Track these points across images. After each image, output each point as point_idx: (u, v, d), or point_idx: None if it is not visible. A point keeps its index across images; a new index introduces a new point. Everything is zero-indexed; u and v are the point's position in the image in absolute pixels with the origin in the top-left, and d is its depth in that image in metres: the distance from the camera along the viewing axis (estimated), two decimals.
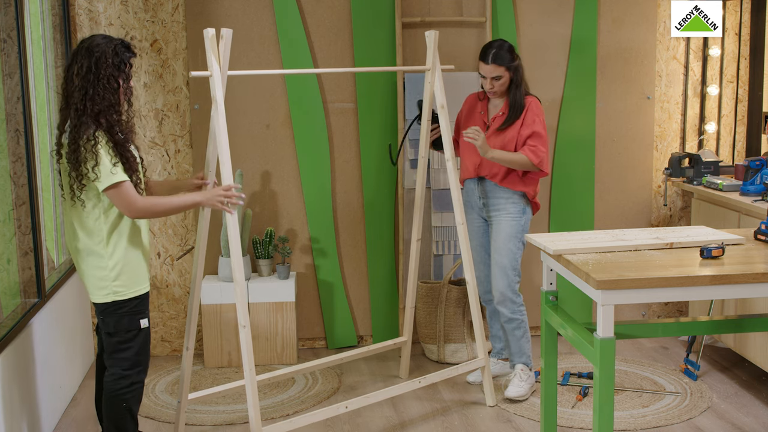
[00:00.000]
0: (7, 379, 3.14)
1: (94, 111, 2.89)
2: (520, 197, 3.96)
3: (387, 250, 4.76)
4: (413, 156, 4.60)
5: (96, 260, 2.98)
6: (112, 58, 2.91)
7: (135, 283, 3.02)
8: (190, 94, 4.52)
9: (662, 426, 3.68)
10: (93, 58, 2.90)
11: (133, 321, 3.03)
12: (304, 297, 4.76)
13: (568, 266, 2.87)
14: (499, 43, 3.88)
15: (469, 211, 4.10)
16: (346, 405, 3.49)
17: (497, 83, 3.88)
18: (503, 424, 3.74)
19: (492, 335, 4.29)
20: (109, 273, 2.97)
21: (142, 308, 3.06)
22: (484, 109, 4.03)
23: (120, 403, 3.05)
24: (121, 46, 2.97)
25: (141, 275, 3.06)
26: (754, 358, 4.04)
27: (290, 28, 4.53)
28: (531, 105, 3.92)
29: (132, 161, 2.97)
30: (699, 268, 2.76)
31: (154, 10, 4.46)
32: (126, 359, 3.04)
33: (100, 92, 2.89)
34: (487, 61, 3.86)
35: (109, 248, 2.97)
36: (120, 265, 2.98)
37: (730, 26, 4.86)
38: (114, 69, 2.92)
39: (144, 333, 3.07)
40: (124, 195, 2.89)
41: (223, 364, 4.50)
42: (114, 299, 2.99)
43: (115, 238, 2.97)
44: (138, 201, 2.92)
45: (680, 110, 4.92)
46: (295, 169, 4.65)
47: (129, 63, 2.99)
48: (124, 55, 2.97)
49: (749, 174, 4.26)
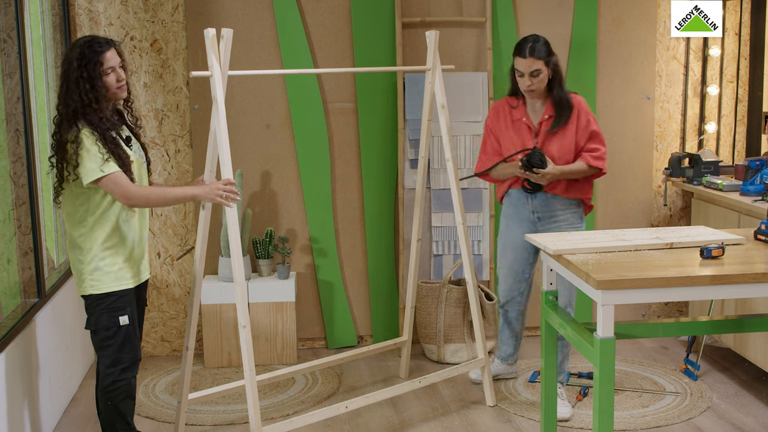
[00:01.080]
0: (8, 379, 3.14)
1: (68, 113, 2.91)
2: (578, 205, 3.80)
3: (387, 250, 4.76)
4: (413, 156, 4.60)
5: (77, 252, 3.03)
6: (78, 60, 2.92)
7: (112, 279, 3.03)
8: (190, 94, 4.52)
9: (662, 426, 3.68)
10: (65, 62, 2.96)
11: (112, 318, 3.03)
12: (304, 297, 4.76)
13: (568, 266, 2.87)
14: (535, 37, 3.66)
15: (515, 223, 3.86)
16: (346, 405, 3.49)
17: (536, 80, 3.62)
18: (503, 424, 3.74)
19: (501, 340, 4.19)
20: (86, 267, 3.01)
21: (122, 305, 3.06)
22: (525, 115, 3.75)
23: (105, 401, 3.08)
24: (93, 43, 2.95)
25: (121, 272, 3.06)
26: (754, 358, 4.04)
27: (290, 28, 4.53)
28: (581, 103, 3.73)
29: (125, 159, 2.97)
30: (699, 268, 2.75)
31: (154, 10, 4.46)
32: (107, 356, 3.06)
33: (72, 93, 2.91)
34: (525, 54, 3.62)
35: (88, 242, 3.00)
36: (96, 259, 3.00)
37: (730, 26, 4.86)
38: (82, 70, 2.92)
39: (124, 330, 3.05)
40: (117, 184, 2.91)
41: (223, 364, 4.50)
42: (90, 292, 3.02)
43: (96, 233, 3.00)
44: (131, 188, 2.94)
45: (680, 110, 4.92)
46: (295, 169, 4.65)
47: (98, 61, 2.94)
48: (94, 52, 2.94)
49: (749, 174, 4.26)
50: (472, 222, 4.66)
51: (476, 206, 4.67)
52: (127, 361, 3.08)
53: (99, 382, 3.13)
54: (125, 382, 3.08)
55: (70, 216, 3.03)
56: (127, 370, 3.08)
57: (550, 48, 3.68)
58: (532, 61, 3.61)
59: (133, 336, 3.10)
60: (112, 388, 3.06)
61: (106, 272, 3.02)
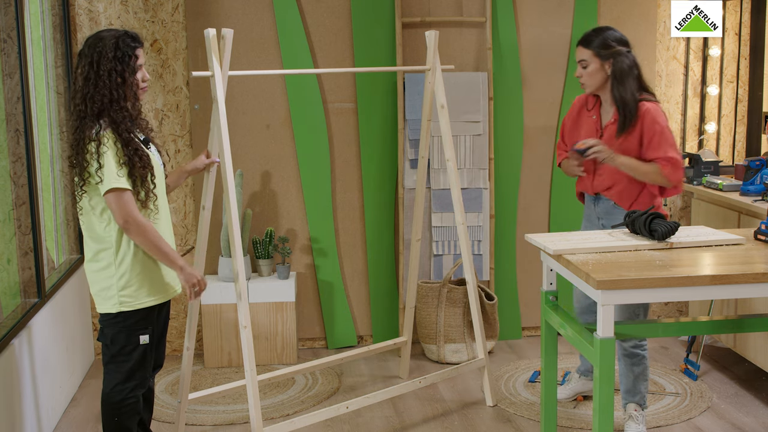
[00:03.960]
0: (8, 379, 3.14)
1: (93, 110, 2.74)
2: None
3: (387, 250, 4.76)
4: (413, 156, 4.60)
5: (103, 268, 2.83)
6: (113, 52, 2.75)
7: (145, 293, 2.85)
8: (190, 94, 4.52)
9: (662, 426, 3.68)
10: (95, 54, 2.75)
11: (132, 336, 2.86)
12: (304, 297, 4.76)
13: (568, 266, 2.87)
14: (600, 27, 3.42)
15: (587, 223, 3.66)
16: (346, 405, 3.49)
17: (585, 72, 3.39)
18: (503, 424, 3.74)
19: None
20: (116, 282, 2.82)
21: (145, 324, 2.89)
22: (597, 114, 3.51)
23: (112, 417, 2.91)
24: (126, 37, 2.79)
25: (154, 284, 2.88)
26: (754, 358, 4.05)
27: (290, 28, 4.53)
28: (650, 112, 3.32)
29: (145, 159, 2.80)
30: (699, 268, 2.76)
31: (154, 10, 4.46)
32: (119, 373, 2.89)
33: (101, 89, 2.73)
34: (579, 42, 3.41)
35: (118, 256, 2.81)
36: (128, 274, 2.82)
37: (730, 26, 4.86)
38: (116, 62, 2.75)
39: (142, 349, 2.89)
40: (122, 203, 2.73)
41: (223, 364, 4.50)
42: (120, 310, 2.83)
43: (124, 247, 2.81)
44: (135, 214, 2.75)
45: (680, 110, 4.92)
46: (295, 169, 4.65)
47: (134, 55, 2.81)
48: (128, 46, 2.79)
49: (749, 174, 4.26)
50: (472, 222, 4.66)
51: (476, 206, 4.67)
52: (139, 379, 2.92)
53: (104, 396, 2.92)
54: (134, 400, 2.92)
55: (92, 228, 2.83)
56: (138, 388, 2.93)
57: (614, 41, 3.35)
58: (580, 50, 3.41)
59: (149, 354, 2.94)
60: (120, 406, 2.90)
61: (140, 287, 2.84)
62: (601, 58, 3.36)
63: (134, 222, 2.75)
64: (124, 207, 2.74)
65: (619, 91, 3.35)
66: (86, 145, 2.73)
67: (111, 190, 2.73)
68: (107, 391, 2.92)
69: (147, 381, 2.98)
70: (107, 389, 2.92)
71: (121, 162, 2.75)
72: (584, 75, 3.41)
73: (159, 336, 3.06)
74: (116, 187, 2.73)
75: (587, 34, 3.41)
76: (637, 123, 3.34)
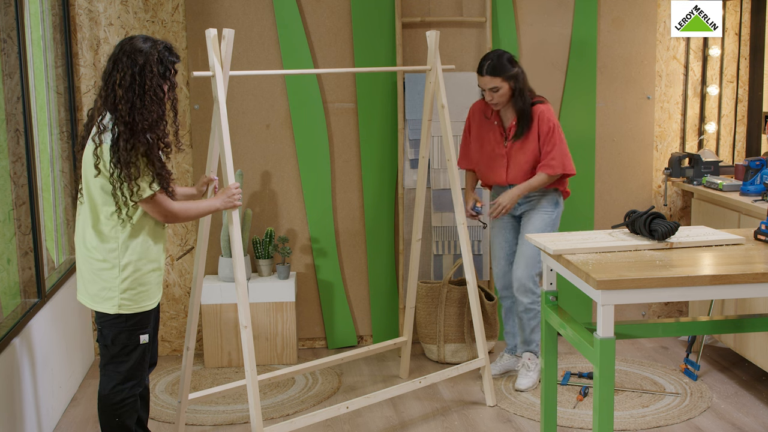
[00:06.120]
0: (8, 379, 3.14)
1: (144, 126, 2.71)
2: (552, 192, 4.04)
3: (387, 250, 4.76)
4: (413, 156, 4.60)
5: (106, 268, 2.83)
6: (156, 66, 2.73)
7: (144, 298, 2.88)
8: (190, 94, 4.52)
9: (662, 426, 3.68)
10: (137, 67, 2.71)
11: (132, 336, 2.88)
12: (304, 297, 4.76)
13: (568, 266, 2.87)
14: (496, 54, 3.88)
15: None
16: (347, 405, 3.49)
17: (496, 95, 3.88)
18: (503, 424, 3.74)
19: (506, 332, 4.30)
20: (119, 284, 2.82)
21: (145, 323, 2.92)
22: (497, 119, 4.02)
23: (113, 417, 2.93)
24: (165, 51, 2.77)
25: (152, 290, 2.91)
26: (754, 358, 4.05)
27: (290, 28, 4.53)
28: (543, 113, 3.92)
29: (166, 176, 2.81)
30: (699, 268, 2.76)
31: (154, 10, 4.46)
32: (119, 373, 2.91)
33: (148, 105, 2.71)
34: (483, 72, 3.87)
35: (124, 258, 2.82)
36: (131, 278, 2.83)
37: (730, 26, 4.86)
38: (159, 78, 2.74)
39: (142, 348, 2.92)
40: (161, 205, 2.81)
41: (223, 364, 4.50)
42: (118, 312, 2.84)
43: (131, 249, 2.83)
44: (174, 206, 2.85)
45: (680, 110, 4.92)
46: (295, 169, 4.65)
47: (174, 69, 2.81)
48: (169, 60, 2.78)
49: (749, 174, 4.26)
50: (472, 222, 4.66)
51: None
52: (138, 378, 2.94)
53: (102, 396, 2.93)
54: (134, 399, 2.95)
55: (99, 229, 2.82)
56: (136, 386, 2.95)
57: (512, 63, 3.88)
58: (489, 79, 3.86)
59: (147, 353, 2.97)
60: (120, 406, 2.91)
61: (140, 291, 2.86)
62: (507, 81, 3.86)
63: (173, 216, 2.88)
64: (163, 207, 2.83)
65: (519, 104, 3.90)
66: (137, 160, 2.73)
67: (148, 198, 2.79)
68: (106, 392, 2.93)
69: (144, 380, 3.01)
70: (106, 390, 2.93)
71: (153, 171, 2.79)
72: (495, 98, 3.89)
73: (153, 334, 3.10)
74: (151, 195, 2.79)
75: (491, 65, 3.85)
76: (533, 123, 3.90)
